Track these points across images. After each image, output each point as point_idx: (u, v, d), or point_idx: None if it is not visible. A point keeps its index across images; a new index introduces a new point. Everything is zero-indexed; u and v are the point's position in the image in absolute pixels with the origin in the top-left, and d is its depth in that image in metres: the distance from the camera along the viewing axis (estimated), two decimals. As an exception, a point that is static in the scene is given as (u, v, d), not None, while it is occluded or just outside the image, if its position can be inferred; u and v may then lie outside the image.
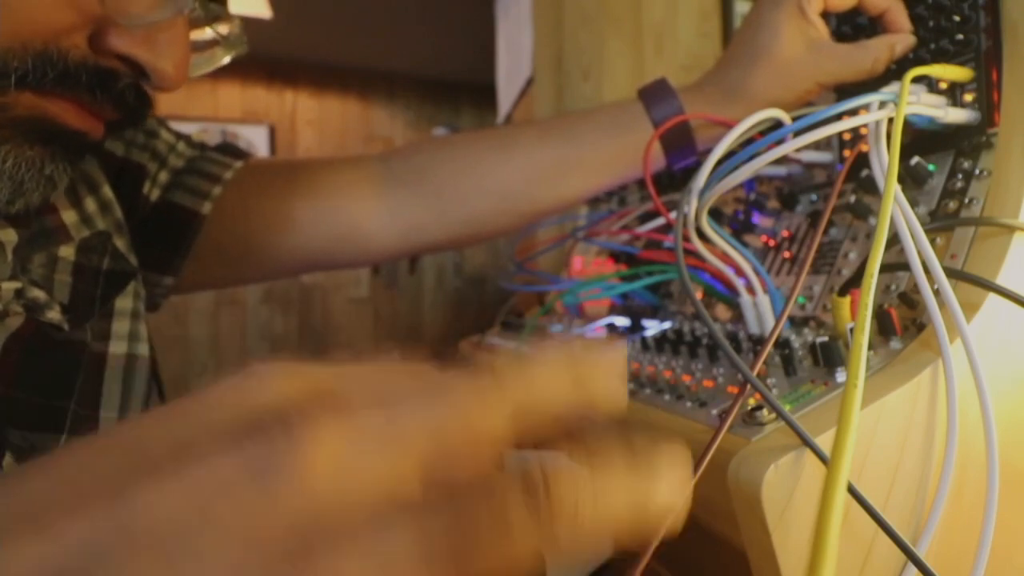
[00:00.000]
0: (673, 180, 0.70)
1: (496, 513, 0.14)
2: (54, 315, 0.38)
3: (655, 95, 0.52)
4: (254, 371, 0.16)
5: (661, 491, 0.16)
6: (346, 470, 0.14)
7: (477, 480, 0.15)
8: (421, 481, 0.15)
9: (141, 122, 0.40)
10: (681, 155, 0.52)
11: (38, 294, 0.37)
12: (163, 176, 0.52)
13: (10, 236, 0.37)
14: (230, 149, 0.56)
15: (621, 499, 0.15)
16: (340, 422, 0.15)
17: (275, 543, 0.13)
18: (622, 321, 0.63)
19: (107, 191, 0.46)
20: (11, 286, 0.36)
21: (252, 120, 3.25)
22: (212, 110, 3.14)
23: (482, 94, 3.31)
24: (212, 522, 0.13)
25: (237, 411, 0.15)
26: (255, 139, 3.22)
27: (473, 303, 3.64)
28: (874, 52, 0.46)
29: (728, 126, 0.44)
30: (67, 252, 0.41)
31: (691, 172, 0.44)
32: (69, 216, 0.42)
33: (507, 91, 2.06)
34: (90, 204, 0.44)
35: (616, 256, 0.70)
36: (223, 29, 0.41)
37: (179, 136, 0.55)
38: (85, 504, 0.13)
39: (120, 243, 0.45)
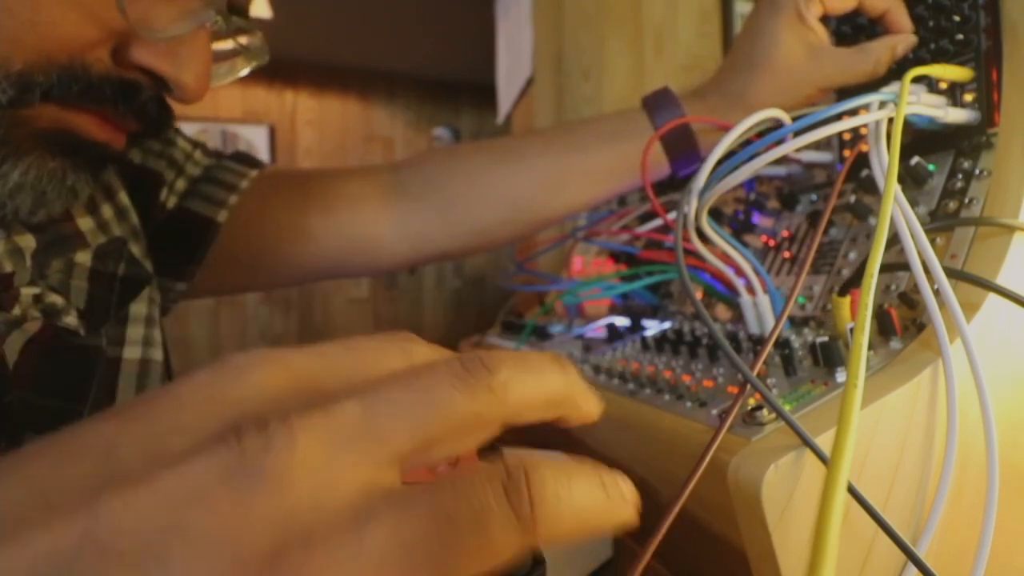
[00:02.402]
0: (673, 180, 0.70)
1: (475, 507, 0.14)
2: (71, 320, 0.38)
3: (658, 103, 0.53)
4: (229, 362, 0.16)
5: (625, 490, 0.17)
6: (322, 472, 0.14)
7: (456, 474, 0.15)
8: (399, 476, 0.15)
9: (164, 133, 0.39)
10: (686, 161, 0.53)
11: (56, 299, 0.37)
12: (180, 184, 0.52)
13: (29, 242, 0.37)
14: (246, 158, 0.56)
15: (593, 491, 0.16)
16: (316, 421, 0.14)
17: (249, 550, 0.13)
18: (622, 321, 0.63)
19: (123, 198, 0.46)
20: (30, 291, 0.36)
21: (252, 120, 3.25)
22: (212, 110, 3.14)
23: (482, 94, 3.31)
24: (184, 531, 0.13)
25: (211, 408, 0.15)
26: (255, 139, 3.22)
27: (473, 303, 3.64)
28: (875, 55, 0.46)
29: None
30: (83, 258, 0.41)
31: (691, 173, 0.44)
32: (85, 223, 0.42)
33: (507, 91, 2.06)
34: (106, 211, 0.44)
35: (616, 256, 0.70)
36: (244, 40, 0.41)
37: (196, 144, 0.55)
38: (53, 513, 0.13)
39: (136, 249, 0.45)
